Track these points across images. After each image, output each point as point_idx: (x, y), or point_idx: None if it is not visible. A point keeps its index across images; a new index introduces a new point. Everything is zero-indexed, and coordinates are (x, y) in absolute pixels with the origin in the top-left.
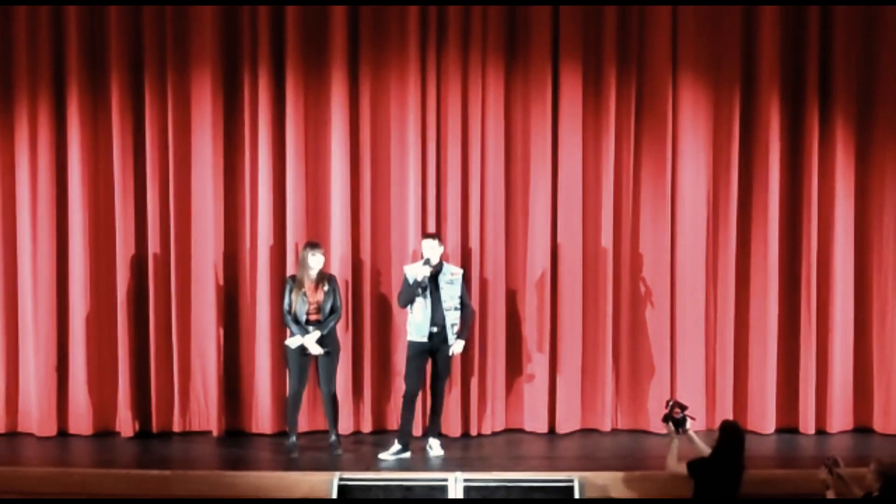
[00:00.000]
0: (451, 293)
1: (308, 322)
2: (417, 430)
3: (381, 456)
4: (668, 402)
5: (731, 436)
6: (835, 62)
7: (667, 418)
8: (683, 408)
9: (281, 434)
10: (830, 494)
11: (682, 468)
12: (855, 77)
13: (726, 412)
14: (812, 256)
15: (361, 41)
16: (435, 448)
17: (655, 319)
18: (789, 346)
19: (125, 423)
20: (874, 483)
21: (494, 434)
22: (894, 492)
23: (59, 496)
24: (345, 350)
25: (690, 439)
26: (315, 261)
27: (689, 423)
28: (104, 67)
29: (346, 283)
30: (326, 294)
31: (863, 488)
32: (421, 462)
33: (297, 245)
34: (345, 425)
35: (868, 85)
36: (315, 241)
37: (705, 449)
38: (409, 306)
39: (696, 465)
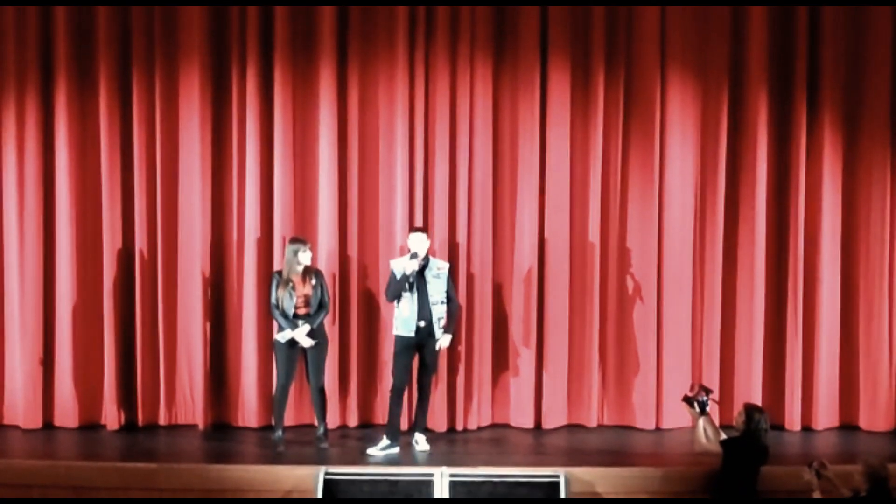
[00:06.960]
0: (437, 287)
1: (297, 316)
2: (404, 425)
3: (370, 451)
4: (692, 385)
5: (756, 416)
6: (823, 59)
7: (689, 400)
8: (708, 391)
9: (267, 428)
10: (817, 495)
11: (715, 446)
12: (843, 74)
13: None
14: (799, 253)
15: (350, 36)
16: (421, 443)
17: (642, 315)
18: (776, 343)
19: (111, 416)
20: (862, 483)
21: (480, 429)
22: (882, 492)
23: (45, 488)
24: (332, 344)
25: (708, 423)
26: (305, 258)
27: (709, 408)
28: (92, 61)
29: (334, 277)
30: (314, 288)
31: (850, 488)
32: (407, 457)
33: (284, 239)
34: (331, 419)
35: (856, 82)
36: (302, 238)
37: (711, 436)
38: (395, 301)
39: (729, 443)
